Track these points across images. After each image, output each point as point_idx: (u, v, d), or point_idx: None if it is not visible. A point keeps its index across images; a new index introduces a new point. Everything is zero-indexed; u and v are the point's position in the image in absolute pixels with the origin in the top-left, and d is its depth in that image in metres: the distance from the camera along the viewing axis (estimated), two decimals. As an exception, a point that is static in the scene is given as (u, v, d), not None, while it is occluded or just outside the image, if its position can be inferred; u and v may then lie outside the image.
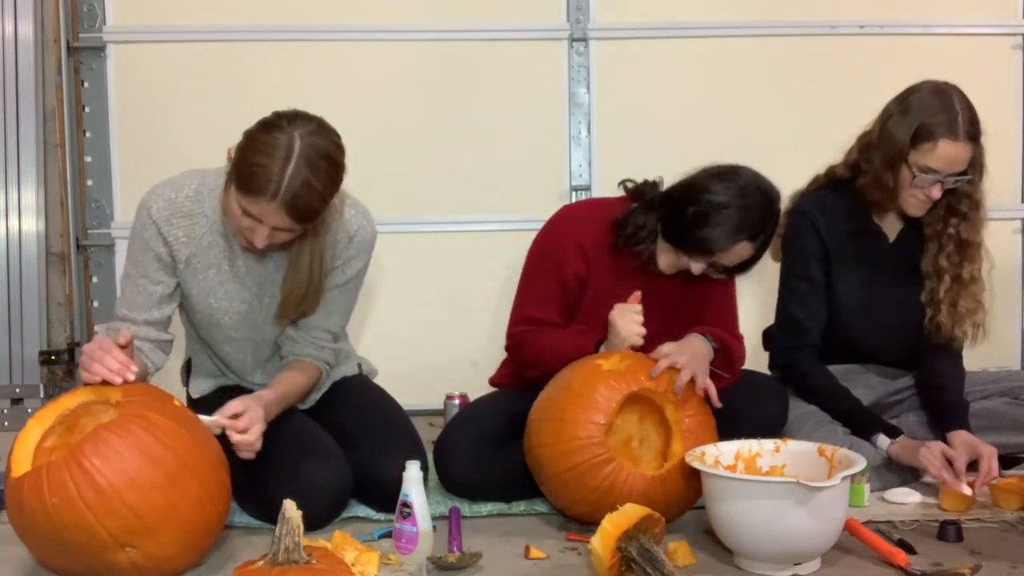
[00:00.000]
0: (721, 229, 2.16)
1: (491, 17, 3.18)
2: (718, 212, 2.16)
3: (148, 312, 2.13)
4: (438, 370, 3.13)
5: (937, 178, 2.36)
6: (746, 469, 2.02)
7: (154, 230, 2.10)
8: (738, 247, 2.19)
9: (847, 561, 1.90)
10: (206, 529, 1.86)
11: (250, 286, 2.18)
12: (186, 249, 2.12)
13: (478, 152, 3.20)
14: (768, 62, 3.22)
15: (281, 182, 1.90)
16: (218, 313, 2.19)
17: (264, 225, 1.97)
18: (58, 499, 1.70)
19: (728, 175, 2.22)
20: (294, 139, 1.92)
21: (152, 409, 1.83)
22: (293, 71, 3.13)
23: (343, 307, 2.27)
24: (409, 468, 1.94)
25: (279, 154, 1.91)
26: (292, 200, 1.92)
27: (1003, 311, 3.31)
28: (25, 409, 3.06)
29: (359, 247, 2.21)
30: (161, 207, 2.10)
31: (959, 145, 2.34)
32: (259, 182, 1.91)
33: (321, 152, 1.94)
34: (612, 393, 2.05)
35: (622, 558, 1.77)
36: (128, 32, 3.12)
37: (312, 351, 2.24)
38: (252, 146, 1.94)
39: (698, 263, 2.23)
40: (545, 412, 2.12)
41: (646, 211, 2.29)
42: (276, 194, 1.91)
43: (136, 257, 2.14)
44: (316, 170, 1.93)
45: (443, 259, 3.20)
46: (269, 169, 1.90)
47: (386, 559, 1.92)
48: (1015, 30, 3.26)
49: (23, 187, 3.12)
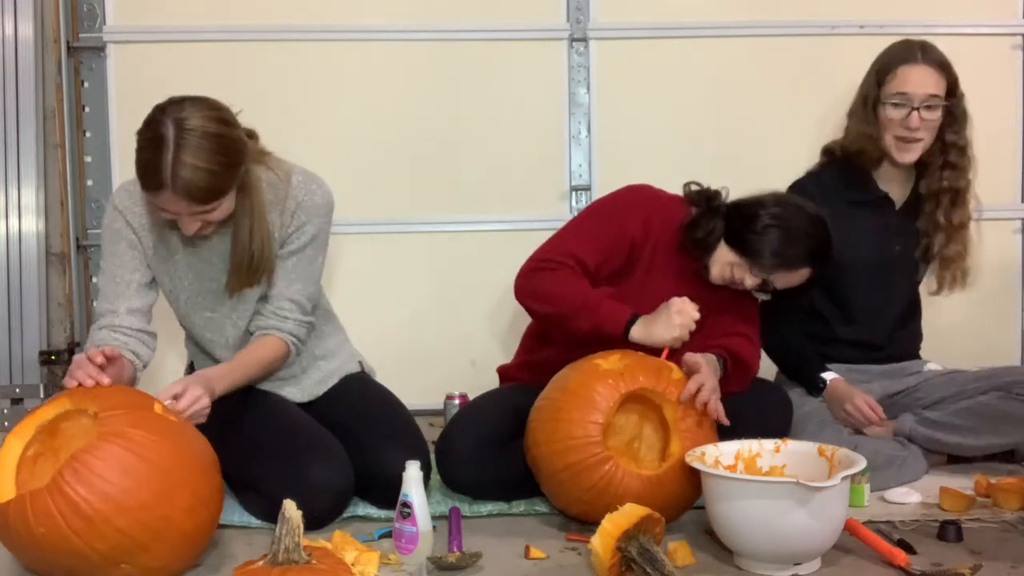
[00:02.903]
0: (790, 250, 2.24)
1: (491, 17, 3.18)
2: (790, 232, 2.24)
3: (129, 300, 2.16)
4: (438, 370, 3.13)
5: (911, 104, 2.47)
6: (746, 469, 2.02)
7: (122, 220, 2.16)
8: (800, 272, 2.27)
9: (847, 561, 1.90)
10: (200, 533, 1.85)
11: (216, 264, 2.20)
12: (151, 235, 2.17)
13: (478, 152, 3.19)
14: (768, 62, 3.21)
15: (167, 171, 1.94)
16: (193, 295, 2.22)
17: (177, 214, 2.02)
18: (45, 528, 1.68)
19: (810, 206, 2.31)
20: (167, 127, 1.95)
21: (131, 423, 1.78)
22: (293, 71, 3.12)
23: (304, 274, 2.25)
24: (409, 468, 1.94)
25: (157, 145, 1.94)
26: (185, 185, 1.95)
27: (1003, 311, 3.32)
28: (25, 409, 3.06)
29: (309, 213, 2.21)
30: (123, 197, 2.18)
31: (919, 67, 2.48)
32: (150, 176, 1.96)
33: (200, 132, 1.96)
34: (610, 392, 2.05)
35: (622, 558, 1.77)
36: (128, 32, 3.12)
37: (275, 322, 2.23)
38: (139, 144, 2.00)
39: (756, 278, 2.27)
40: (543, 412, 2.12)
41: (713, 217, 2.31)
42: (167, 184, 1.95)
43: (110, 250, 2.18)
44: (198, 150, 1.95)
45: (443, 259, 3.20)
46: (153, 162, 1.95)
47: (386, 559, 1.92)
48: (1015, 30, 3.26)
49: (23, 187, 3.12)
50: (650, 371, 2.10)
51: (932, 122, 2.50)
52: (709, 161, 3.01)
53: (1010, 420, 2.43)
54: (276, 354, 2.23)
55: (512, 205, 3.17)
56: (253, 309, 2.25)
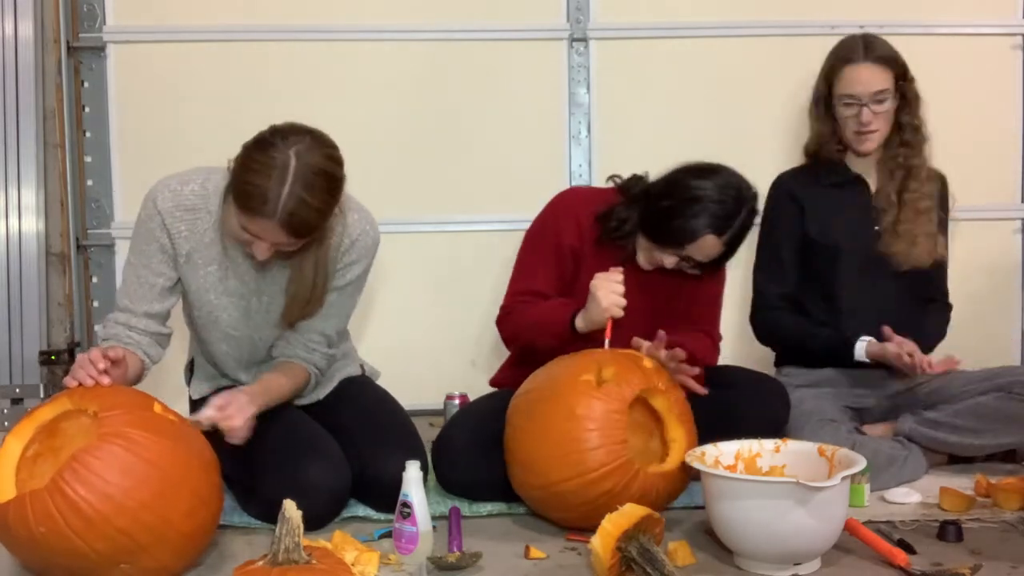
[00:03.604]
0: (690, 223, 2.23)
1: (491, 17, 3.18)
2: (690, 207, 2.23)
3: (149, 304, 2.13)
4: (438, 370, 3.13)
5: (860, 103, 2.55)
6: (746, 469, 2.02)
7: (159, 221, 2.11)
8: (705, 241, 2.24)
9: (847, 561, 1.90)
10: (200, 534, 1.85)
11: (249, 283, 2.18)
12: (187, 244, 2.13)
13: (478, 152, 3.19)
14: (768, 62, 3.21)
15: (278, 202, 1.90)
16: (217, 310, 2.19)
17: (264, 240, 1.97)
18: (45, 528, 1.68)
19: (706, 172, 2.28)
20: (289, 158, 1.91)
21: (131, 424, 1.78)
22: (293, 71, 3.12)
23: (341, 311, 2.26)
24: (409, 468, 1.94)
25: (275, 174, 1.90)
26: (289, 219, 1.92)
27: (1003, 311, 3.31)
28: (25, 409, 3.06)
29: (360, 252, 2.21)
30: (167, 198, 2.11)
31: (862, 66, 2.56)
32: (256, 202, 1.91)
33: (316, 169, 1.94)
34: (619, 405, 2.03)
35: (622, 558, 1.77)
36: (128, 32, 3.12)
37: (303, 353, 2.24)
38: (248, 165, 1.94)
39: (669, 257, 2.28)
40: (558, 447, 2.02)
41: (629, 206, 2.35)
42: (274, 213, 1.91)
43: (140, 247, 2.14)
44: (312, 187, 1.93)
45: (443, 259, 3.20)
46: (265, 189, 1.90)
47: (386, 559, 1.92)
48: (1015, 30, 3.25)
49: (23, 187, 3.12)
50: (633, 370, 2.08)
51: (884, 112, 2.57)
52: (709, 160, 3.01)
53: (1011, 420, 2.43)
54: (299, 383, 2.25)
55: (512, 205, 3.16)
56: (277, 334, 2.24)
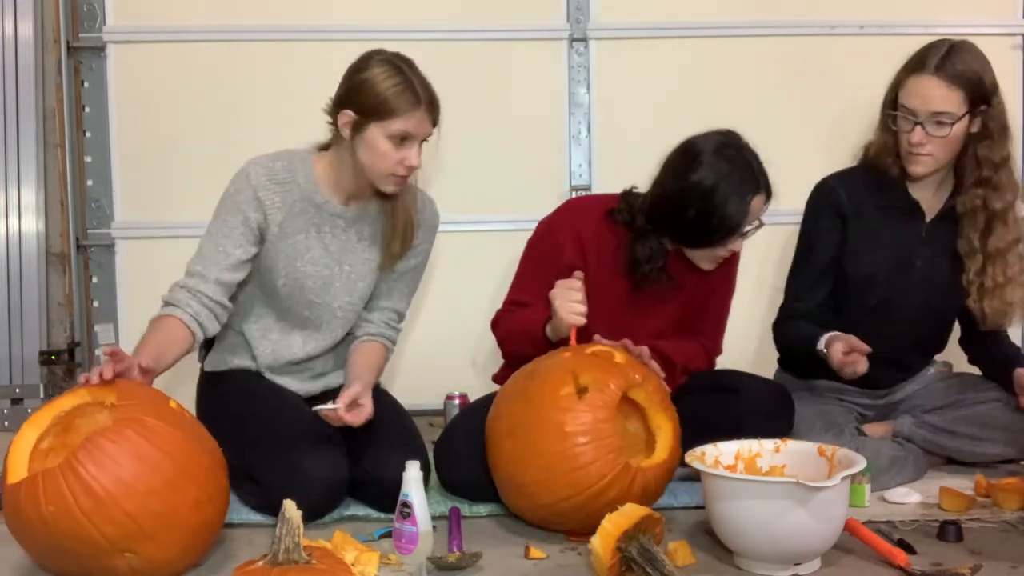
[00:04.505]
0: (730, 207, 2.20)
1: (491, 17, 3.18)
2: (715, 196, 2.20)
3: (220, 272, 2.20)
4: (438, 370, 3.13)
5: (915, 119, 2.30)
6: (746, 469, 2.02)
7: (251, 193, 2.21)
8: (752, 208, 2.23)
9: (847, 561, 1.90)
10: (205, 530, 1.86)
11: (333, 253, 2.29)
12: (279, 214, 2.23)
13: (478, 152, 3.19)
14: (768, 62, 3.21)
15: (415, 86, 2.15)
16: (303, 277, 2.28)
17: (416, 140, 2.17)
18: (55, 507, 1.70)
19: (692, 161, 2.25)
20: (391, 57, 2.18)
21: (148, 413, 1.82)
22: (293, 71, 3.12)
23: (410, 291, 2.46)
24: (409, 468, 1.94)
25: (397, 71, 2.15)
26: (431, 97, 2.18)
27: (1003, 311, 3.31)
28: (25, 409, 3.06)
29: (429, 232, 2.40)
30: (260, 173, 2.23)
31: (927, 80, 2.28)
32: (407, 97, 2.13)
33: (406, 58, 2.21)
34: (606, 412, 2.00)
35: (622, 558, 1.77)
36: (128, 32, 3.12)
37: (386, 331, 2.41)
38: (372, 81, 2.15)
39: (734, 243, 2.28)
40: (552, 469, 1.99)
41: (644, 238, 2.32)
42: (421, 99, 2.15)
43: (224, 218, 2.22)
44: (416, 69, 2.19)
45: (443, 259, 3.19)
46: (403, 83, 2.14)
47: (386, 559, 1.92)
48: (1015, 30, 3.25)
49: (23, 187, 3.12)
50: (609, 371, 2.06)
51: (941, 139, 2.30)
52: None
53: (1010, 430, 2.42)
54: (382, 361, 2.41)
55: (512, 205, 3.16)
56: (352, 302, 2.34)
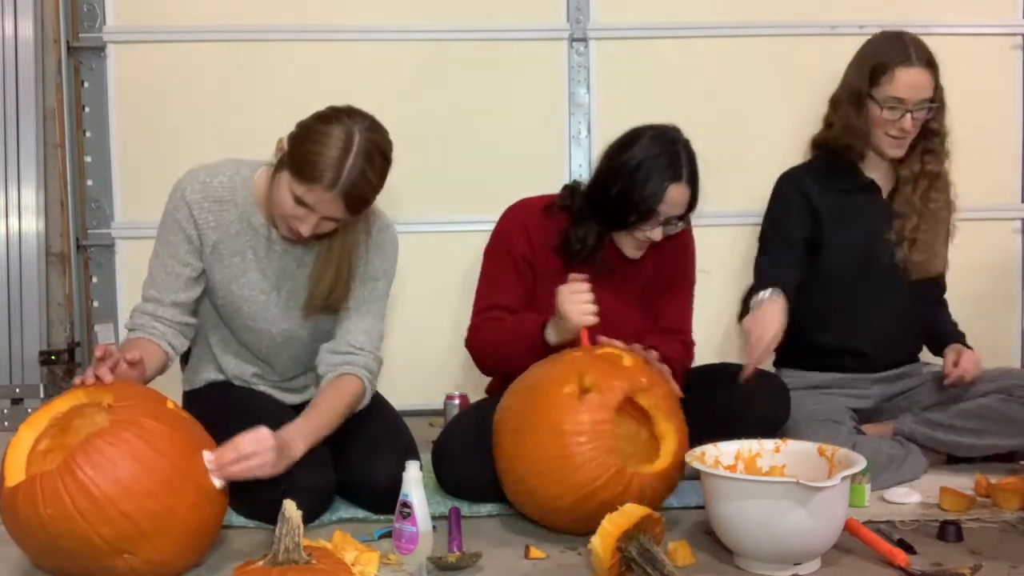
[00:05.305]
0: (649, 186, 2.24)
1: (491, 17, 3.18)
2: (638, 174, 2.24)
3: (175, 294, 2.17)
4: (438, 370, 3.13)
5: (905, 108, 2.47)
6: (746, 469, 2.02)
7: (186, 211, 2.15)
8: (671, 193, 2.25)
9: (847, 561, 1.90)
10: (204, 531, 1.86)
11: (270, 277, 2.21)
12: (214, 234, 2.17)
13: (478, 152, 3.19)
14: (768, 62, 3.21)
15: (341, 172, 1.97)
16: (238, 300, 2.22)
17: (315, 214, 2.02)
18: (52, 510, 1.69)
19: (627, 143, 2.31)
20: (353, 131, 2.00)
21: (145, 414, 1.81)
22: (293, 71, 3.12)
23: (373, 308, 2.25)
24: (409, 468, 1.94)
25: (339, 144, 1.98)
26: (350, 190, 1.99)
27: (1003, 311, 3.31)
28: (25, 409, 3.06)
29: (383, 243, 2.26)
30: (195, 189, 2.16)
31: (914, 70, 2.47)
32: (319, 171, 1.97)
33: (377, 146, 2.03)
34: (605, 414, 2.00)
35: (622, 558, 1.77)
36: (128, 32, 3.12)
37: (349, 354, 2.19)
38: (311, 136, 2.01)
39: (652, 229, 2.28)
40: (547, 466, 1.99)
41: (578, 222, 2.34)
42: (335, 183, 1.98)
43: (167, 238, 2.18)
44: (372, 163, 2.01)
45: (442, 259, 3.20)
46: (328, 158, 1.97)
47: (386, 559, 1.92)
48: (1015, 30, 3.25)
49: (23, 187, 3.12)
50: (614, 373, 2.05)
51: (921, 120, 2.51)
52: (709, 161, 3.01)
53: (1012, 423, 2.43)
54: (352, 396, 2.16)
55: (512, 205, 3.16)
56: (294, 328, 2.25)
